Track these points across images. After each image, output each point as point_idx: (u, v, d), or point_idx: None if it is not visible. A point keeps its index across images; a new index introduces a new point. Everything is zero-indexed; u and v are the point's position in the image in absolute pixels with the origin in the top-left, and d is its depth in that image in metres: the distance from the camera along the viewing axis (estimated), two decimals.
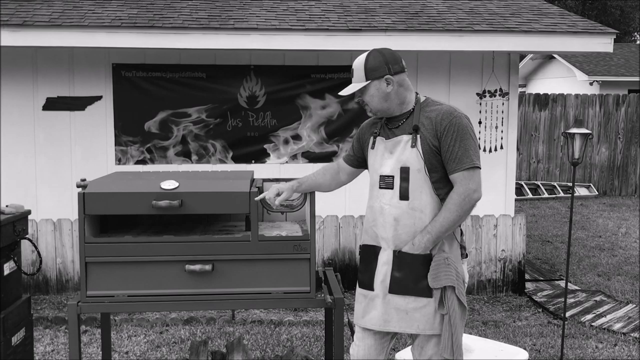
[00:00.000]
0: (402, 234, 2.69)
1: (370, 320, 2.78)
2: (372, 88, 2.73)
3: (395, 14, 6.42)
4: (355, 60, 2.78)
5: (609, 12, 31.45)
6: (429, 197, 2.68)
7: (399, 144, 2.72)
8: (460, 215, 2.63)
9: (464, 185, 2.62)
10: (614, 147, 13.66)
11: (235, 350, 3.98)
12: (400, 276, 2.69)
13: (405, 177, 2.68)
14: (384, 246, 2.75)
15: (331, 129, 6.55)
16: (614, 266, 7.64)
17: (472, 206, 2.66)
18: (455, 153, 2.63)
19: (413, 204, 2.68)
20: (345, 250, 6.36)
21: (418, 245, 2.66)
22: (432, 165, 2.67)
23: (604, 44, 6.17)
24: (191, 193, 2.97)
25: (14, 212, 3.53)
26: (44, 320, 5.42)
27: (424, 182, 2.67)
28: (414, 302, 2.67)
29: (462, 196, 2.62)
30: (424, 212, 2.67)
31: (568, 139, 4.56)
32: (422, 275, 2.67)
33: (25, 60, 6.23)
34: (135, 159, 6.36)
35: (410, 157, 2.68)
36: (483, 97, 6.59)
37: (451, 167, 2.65)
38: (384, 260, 2.74)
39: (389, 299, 2.72)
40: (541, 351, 4.89)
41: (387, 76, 2.71)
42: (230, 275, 3.04)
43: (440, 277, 2.63)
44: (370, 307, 2.78)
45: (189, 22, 5.85)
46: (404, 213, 2.69)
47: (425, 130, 2.68)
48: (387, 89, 2.72)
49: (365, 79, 2.73)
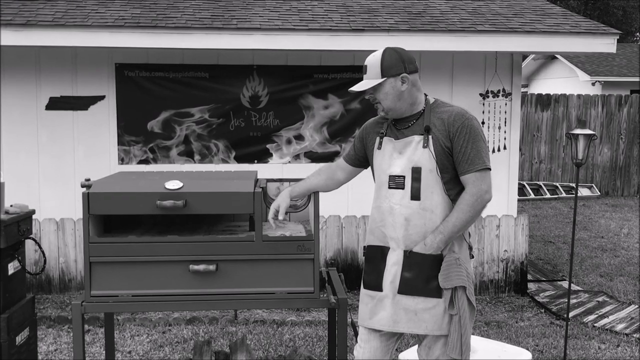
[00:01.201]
0: (412, 234, 2.69)
1: (379, 321, 2.77)
2: (387, 85, 2.72)
3: (398, 14, 6.42)
4: (370, 57, 2.75)
5: (611, 13, 31.41)
6: (440, 198, 2.68)
7: (410, 145, 2.72)
8: (472, 216, 2.64)
9: (477, 186, 2.63)
10: (616, 147, 13.65)
11: (239, 350, 3.98)
12: (410, 277, 2.69)
13: (417, 177, 2.68)
14: (393, 246, 2.74)
15: (334, 129, 6.55)
16: (616, 267, 7.64)
17: (484, 207, 2.67)
18: (468, 154, 2.64)
19: (424, 204, 2.68)
20: (347, 250, 6.36)
21: (430, 246, 2.66)
22: (444, 166, 2.67)
23: (607, 45, 6.17)
24: (195, 193, 2.97)
25: (18, 211, 3.54)
26: (46, 320, 5.42)
27: (435, 182, 2.67)
28: (423, 303, 2.67)
29: (474, 197, 2.63)
30: (434, 213, 2.68)
31: (571, 140, 4.55)
32: (432, 275, 2.66)
33: (29, 60, 6.23)
34: (138, 158, 6.36)
35: (422, 157, 2.68)
36: (486, 97, 6.59)
37: (463, 168, 2.65)
38: (393, 261, 2.73)
39: (398, 300, 2.71)
40: (544, 352, 4.89)
41: (403, 74, 2.71)
42: (234, 275, 3.04)
43: (452, 277, 2.63)
44: (379, 307, 2.77)
45: (192, 22, 5.85)
46: (414, 213, 2.68)
47: (437, 131, 2.69)
48: (401, 88, 2.72)
49: (380, 76, 2.70)
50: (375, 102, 2.78)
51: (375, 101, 2.78)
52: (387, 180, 2.76)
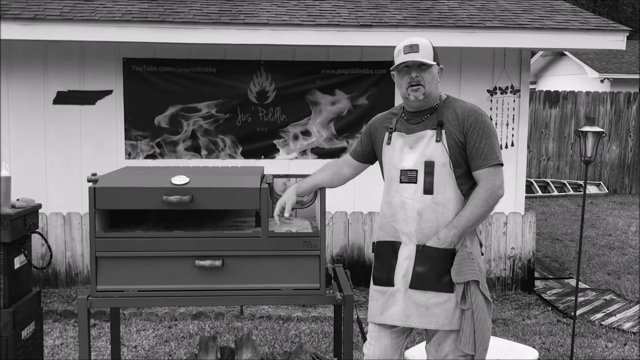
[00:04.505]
0: (425, 228, 2.68)
1: (390, 316, 2.76)
2: (434, 70, 2.75)
3: (406, 10, 6.40)
4: (416, 39, 2.73)
5: (621, 9, 31.23)
6: (452, 192, 2.68)
7: (423, 139, 2.72)
8: (485, 211, 2.65)
9: (490, 181, 2.64)
10: (625, 145, 13.58)
11: (244, 346, 3.97)
12: (422, 271, 2.68)
13: (430, 171, 2.67)
14: (405, 241, 2.73)
15: (341, 124, 6.53)
16: (624, 265, 7.60)
17: (497, 202, 2.68)
18: (482, 149, 2.65)
19: (437, 198, 2.67)
20: (354, 247, 6.35)
21: (444, 240, 2.65)
22: (457, 160, 2.68)
23: (617, 41, 6.13)
24: (202, 189, 2.96)
25: (24, 206, 3.54)
26: (53, 314, 5.44)
27: (448, 176, 2.67)
28: (434, 298, 2.67)
29: (488, 191, 2.64)
30: (447, 207, 2.67)
31: (580, 138, 4.52)
32: (444, 270, 2.66)
33: (36, 54, 6.24)
34: (145, 153, 6.37)
35: (436, 151, 2.68)
36: (494, 93, 6.56)
37: (477, 163, 2.66)
38: (405, 255, 2.72)
39: (410, 294, 2.70)
40: (550, 350, 4.87)
41: (441, 66, 2.81)
42: (240, 270, 3.04)
43: (465, 271, 2.62)
44: (391, 302, 2.75)
45: (200, 17, 5.84)
46: (427, 207, 2.68)
47: (451, 126, 2.69)
48: (438, 78, 2.78)
49: (432, 60, 2.73)
50: (416, 84, 2.70)
51: (419, 82, 2.70)
52: (398, 175, 2.75)
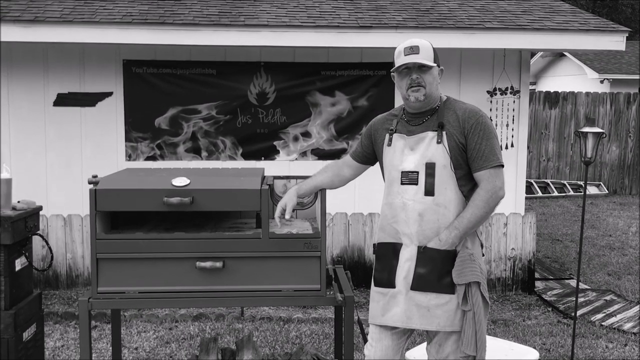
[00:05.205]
0: (426, 230, 2.69)
1: (392, 317, 2.76)
2: (434, 71, 2.75)
3: (406, 11, 6.40)
4: (418, 40, 2.73)
5: (620, 10, 31.23)
6: (453, 194, 2.68)
7: (424, 140, 2.72)
8: (486, 212, 2.65)
9: (491, 183, 2.65)
10: (625, 145, 13.58)
11: (245, 347, 3.98)
12: (423, 272, 2.68)
13: (431, 172, 2.68)
14: (406, 242, 2.73)
15: (341, 126, 6.54)
16: (624, 265, 7.60)
17: (497, 203, 2.68)
18: (482, 151, 2.65)
19: (438, 199, 2.68)
20: (354, 248, 6.35)
21: (445, 241, 2.65)
22: (457, 162, 2.68)
23: (616, 42, 6.14)
24: (202, 190, 2.97)
25: (25, 208, 3.54)
26: (53, 316, 5.44)
27: (449, 178, 2.68)
28: (435, 299, 2.67)
29: (489, 193, 2.64)
30: (448, 208, 2.68)
31: (580, 138, 4.53)
32: (445, 271, 2.66)
33: (37, 56, 6.24)
34: (145, 155, 6.37)
35: (436, 153, 2.68)
36: (494, 94, 6.56)
37: (477, 164, 2.66)
38: (406, 257, 2.73)
39: (411, 296, 2.71)
40: (551, 350, 4.87)
41: (442, 67, 2.80)
42: (240, 272, 3.04)
43: (466, 272, 2.63)
44: (392, 304, 2.76)
45: (200, 19, 5.85)
46: (428, 208, 2.69)
47: (452, 127, 2.70)
48: (439, 79, 2.78)
49: (433, 61, 2.73)
50: (417, 85, 2.71)
51: (420, 83, 2.71)
52: (399, 177, 2.75)
